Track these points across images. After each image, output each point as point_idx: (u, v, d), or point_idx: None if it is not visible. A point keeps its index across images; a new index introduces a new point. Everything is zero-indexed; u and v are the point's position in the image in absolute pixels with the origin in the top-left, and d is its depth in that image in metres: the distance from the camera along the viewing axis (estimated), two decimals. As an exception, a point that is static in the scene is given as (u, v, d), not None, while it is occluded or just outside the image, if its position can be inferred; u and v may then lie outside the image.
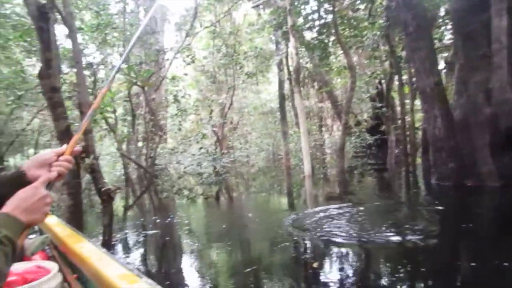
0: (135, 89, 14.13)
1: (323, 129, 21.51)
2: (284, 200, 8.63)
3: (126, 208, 8.67)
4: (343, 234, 4.46)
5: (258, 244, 4.97)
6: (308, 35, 14.97)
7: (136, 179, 13.92)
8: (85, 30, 12.50)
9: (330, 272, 3.58)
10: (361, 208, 5.70)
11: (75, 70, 12.48)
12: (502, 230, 5.09)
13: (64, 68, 12.10)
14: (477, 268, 3.50)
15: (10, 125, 16.63)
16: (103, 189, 4.29)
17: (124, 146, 14.63)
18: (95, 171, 4.58)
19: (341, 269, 3.63)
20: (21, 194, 0.93)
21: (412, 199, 8.01)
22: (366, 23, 12.67)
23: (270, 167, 16.93)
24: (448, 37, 11.94)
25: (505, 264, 3.42)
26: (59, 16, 6.37)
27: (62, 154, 1.06)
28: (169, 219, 6.47)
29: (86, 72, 12.68)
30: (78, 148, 1.11)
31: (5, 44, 13.02)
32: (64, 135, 4.32)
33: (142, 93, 14.38)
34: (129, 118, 14.37)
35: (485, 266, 3.49)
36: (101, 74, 14.03)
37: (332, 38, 13.80)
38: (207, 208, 8.25)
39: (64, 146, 1.10)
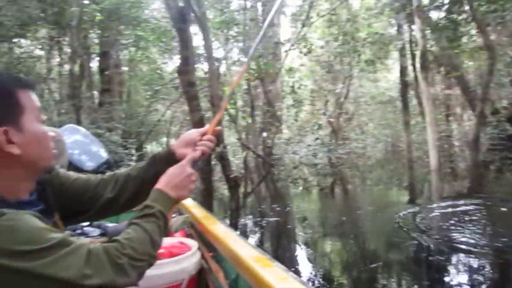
0: (254, 81, 14.78)
1: (451, 118, 19.38)
2: (405, 195, 8.04)
3: (245, 195, 9.18)
4: (468, 237, 3.90)
5: (372, 240, 4.76)
6: (435, 15, 13.58)
7: (254, 167, 14.62)
8: (211, 28, 13.52)
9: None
10: (498, 209, 4.89)
11: (203, 65, 13.66)
12: None
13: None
14: None
15: (148, 117, 19.04)
16: (231, 176, 4.61)
17: (243, 136, 15.49)
18: (224, 159, 4.96)
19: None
20: (171, 171, 1.01)
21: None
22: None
23: (389, 160, 16.00)
24: None
25: None
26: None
27: (205, 133, 1.12)
28: (285, 208, 6.63)
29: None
30: (219, 128, 1.16)
31: (145, 45, 14.89)
32: (198, 125, 4.78)
33: (260, 85, 14.94)
34: (248, 109, 15.11)
35: None
36: (222, 68, 15.04)
37: (465, 15, 12.25)
38: (321, 199, 8.22)
39: (207, 126, 1.16)
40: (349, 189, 9.52)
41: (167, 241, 1.95)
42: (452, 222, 4.51)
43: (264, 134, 11.07)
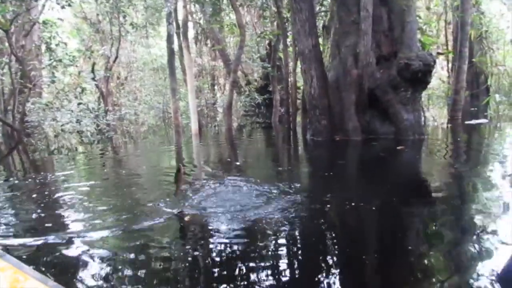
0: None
1: (216, 88, 21.52)
2: (171, 164, 8.51)
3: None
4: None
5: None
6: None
7: (1, 137, 12.28)
8: None
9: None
10: (244, 180, 5.63)
11: None
12: (357, 176, 5.92)
13: None
14: (331, 208, 4.03)
15: None
16: None
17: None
18: None
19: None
20: None
21: (288, 153, 8.73)
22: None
23: (160, 126, 16.48)
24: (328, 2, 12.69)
25: (360, 204, 4.01)
26: None
27: None
28: (41, 180, 5.92)
29: None
30: None
31: None
32: None
33: (6, 37, 12.40)
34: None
35: (339, 207, 4.04)
36: None
37: (224, -7, 13.57)
38: (88, 169, 7.72)
39: None
40: (120, 157, 9.31)
41: None
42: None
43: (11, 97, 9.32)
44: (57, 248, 3.13)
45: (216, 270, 2.76)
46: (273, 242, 3.17)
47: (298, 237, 3.37)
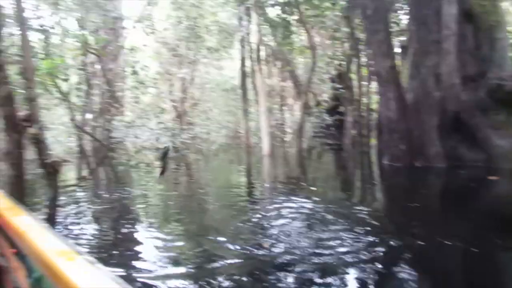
0: (91, 57, 13.44)
1: (285, 108, 21.64)
2: (242, 182, 8.67)
3: (79, 180, 8.39)
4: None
5: (210, 221, 5.00)
6: (272, 12, 14.81)
7: (91, 151, 13.44)
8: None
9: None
10: (316, 201, 5.45)
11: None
12: (445, 208, 5.48)
13: (15, 30, 11.27)
14: (421, 245, 3.70)
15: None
16: (47, 161, 4.07)
17: (78, 117, 14.00)
18: (39, 142, 4.33)
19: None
20: None
21: (364, 179, 8.40)
22: (328, 4, 12.70)
23: (231, 145, 16.93)
24: (404, 22, 12.27)
25: (456, 243, 3.56)
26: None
27: None
28: (123, 194, 6.35)
29: (39, 36, 11.90)
30: None
31: None
32: (7, 101, 4.00)
33: (98, 62, 13.71)
34: (84, 87, 13.71)
35: (428, 243, 3.66)
36: (55, 39, 13.18)
37: (295, 16, 13.73)
38: (164, 183, 8.14)
39: None
40: (193, 173, 9.70)
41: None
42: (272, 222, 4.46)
43: (97, 116, 10.22)
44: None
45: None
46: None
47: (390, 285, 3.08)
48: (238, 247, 3.58)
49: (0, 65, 3.78)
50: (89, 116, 13.86)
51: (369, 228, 3.99)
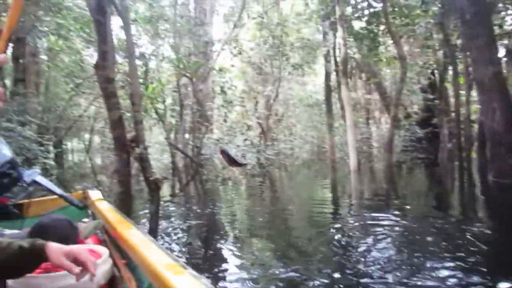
0: (183, 79, 14.51)
1: (371, 121, 20.87)
2: (328, 198, 8.45)
3: (172, 196, 8.98)
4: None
5: (297, 239, 4.94)
6: (357, 25, 14.52)
7: (182, 167, 14.36)
8: (139, 22, 13.00)
9: None
10: (410, 220, 5.03)
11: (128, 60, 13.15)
12: None
13: (119, 58, 12.69)
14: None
15: (68, 111, 17.77)
16: (151, 178, 4.45)
17: (172, 136, 15.14)
18: (144, 161, 4.76)
19: None
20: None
21: (465, 196, 7.61)
22: (418, 11, 12.03)
23: (315, 160, 16.74)
24: (509, 23, 11.03)
25: None
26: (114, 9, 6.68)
27: None
28: (212, 209, 6.61)
29: (138, 63, 13.23)
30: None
31: (67, 34, 13.87)
32: (117, 124, 4.53)
33: (190, 84, 14.72)
34: (177, 108, 14.81)
35: None
36: (152, 64, 14.54)
37: (382, 27, 13.28)
38: (249, 199, 8.33)
39: None
40: (277, 190, 9.77)
41: (75, 249, 1.85)
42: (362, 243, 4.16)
43: (188, 134, 10.91)
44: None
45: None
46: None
47: None
48: (325, 270, 3.44)
49: (112, 92, 4.31)
50: (181, 134, 14.90)
51: (478, 257, 3.54)
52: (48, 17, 13.15)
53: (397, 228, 4.62)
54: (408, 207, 6.32)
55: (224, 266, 3.80)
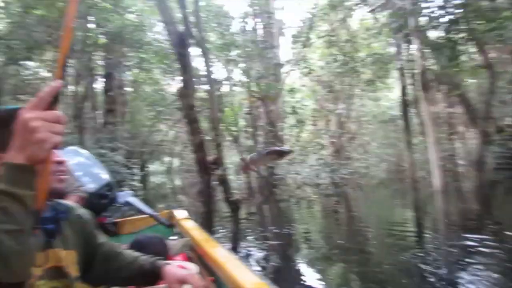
0: (254, 101, 14.86)
1: (454, 137, 19.31)
2: (409, 216, 7.88)
3: (248, 215, 9.06)
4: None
5: (378, 263, 4.61)
6: (434, 34, 13.73)
7: (257, 188, 14.50)
8: (212, 50, 13.73)
9: None
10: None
11: (203, 87, 13.88)
12: None
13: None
14: None
15: (151, 137, 19.16)
16: (231, 199, 4.55)
17: (246, 156, 15.45)
18: (224, 182, 4.91)
19: None
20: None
21: None
22: (507, 13, 10.99)
23: (392, 180, 15.85)
24: None
25: None
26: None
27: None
28: (288, 229, 6.52)
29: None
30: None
31: (148, 67, 15.19)
32: (199, 148, 4.74)
33: (261, 105, 15.01)
34: (250, 129, 15.14)
35: None
36: (224, 88, 15.18)
37: (463, 34, 12.36)
38: (325, 219, 8.09)
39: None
40: (353, 210, 9.37)
41: (166, 264, 1.93)
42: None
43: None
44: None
45: None
46: None
47: None
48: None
49: (194, 118, 4.54)
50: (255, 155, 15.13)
51: None
52: (131, 53, 14.50)
53: (497, 255, 4.10)
54: (509, 233, 5.59)
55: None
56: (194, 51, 12.12)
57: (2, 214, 0.73)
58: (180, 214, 3.09)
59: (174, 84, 18.21)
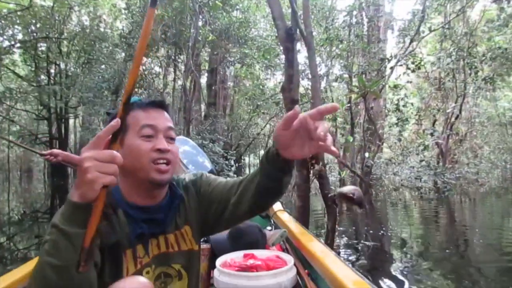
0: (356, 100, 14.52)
1: None
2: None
3: (340, 214, 9.00)
4: None
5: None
6: None
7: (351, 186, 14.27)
8: (316, 44, 13.78)
9: None
10: None
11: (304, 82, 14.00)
12: None
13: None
14: None
15: (249, 130, 20.00)
16: (329, 195, 4.64)
17: (341, 154, 15.27)
18: (322, 177, 5.00)
19: None
20: None
21: None
22: None
23: (507, 189, 14.13)
24: None
25: None
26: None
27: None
28: (382, 231, 6.38)
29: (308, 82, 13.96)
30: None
31: (250, 62, 15.85)
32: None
33: (360, 102, 14.62)
34: (347, 126, 14.88)
35: None
36: (322, 84, 15.07)
37: None
38: (423, 225, 7.66)
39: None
40: (458, 217, 8.67)
41: (264, 254, 1.95)
42: None
43: (366, 154, 10.76)
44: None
45: None
46: None
47: None
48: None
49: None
50: (351, 153, 14.88)
51: None
52: (235, 49, 15.28)
53: None
54: None
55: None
56: (298, 46, 12.34)
57: (51, 247, 0.78)
58: (276, 206, 3.09)
59: (273, 79, 18.73)
